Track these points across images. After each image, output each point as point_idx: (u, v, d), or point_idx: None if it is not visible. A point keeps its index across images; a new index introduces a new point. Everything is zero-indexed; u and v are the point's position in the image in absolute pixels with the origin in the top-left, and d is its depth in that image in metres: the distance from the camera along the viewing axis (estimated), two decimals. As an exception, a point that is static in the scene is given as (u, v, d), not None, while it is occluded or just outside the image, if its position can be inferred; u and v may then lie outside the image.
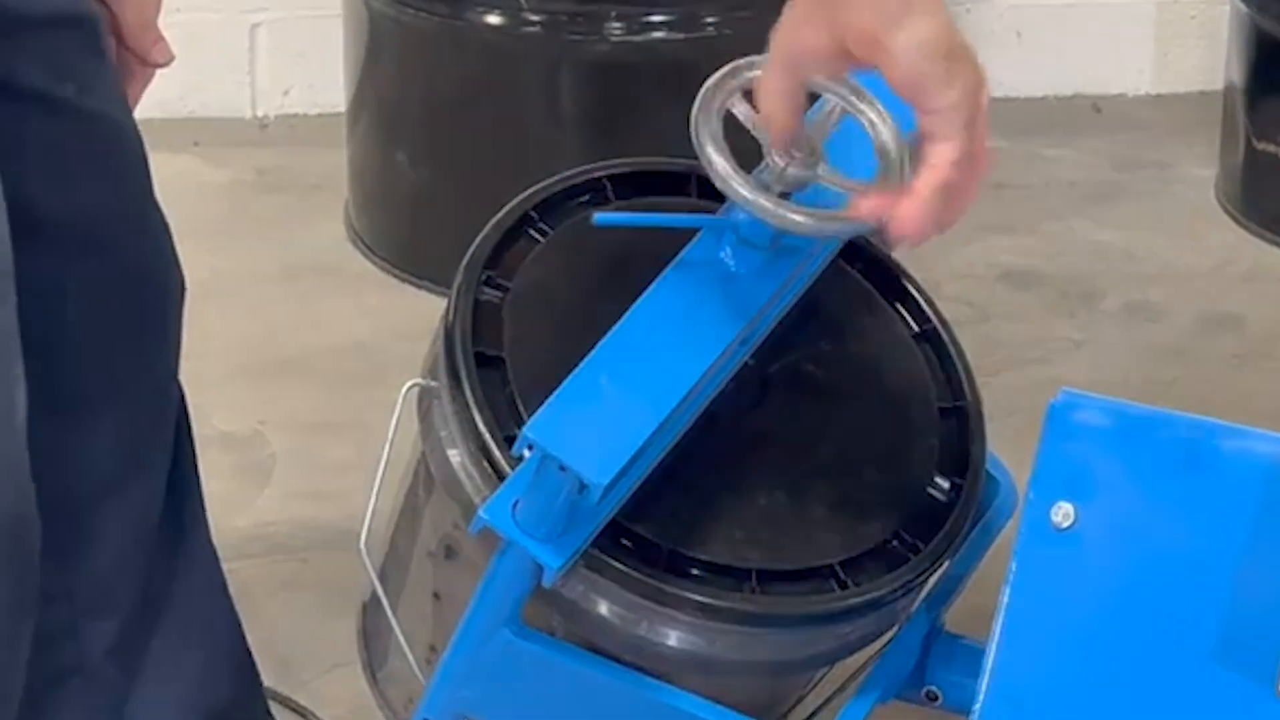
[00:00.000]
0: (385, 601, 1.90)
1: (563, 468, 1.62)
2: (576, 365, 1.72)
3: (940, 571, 1.88)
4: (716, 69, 1.69)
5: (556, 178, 1.93)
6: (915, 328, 1.96)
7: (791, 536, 1.83)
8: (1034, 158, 3.54)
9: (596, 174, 1.93)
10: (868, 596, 1.81)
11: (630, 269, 1.83)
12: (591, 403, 1.67)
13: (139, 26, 1.86)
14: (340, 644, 2.25)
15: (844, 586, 1.80)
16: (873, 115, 1.71)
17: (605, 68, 3.16)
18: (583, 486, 1.64)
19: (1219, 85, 3.44)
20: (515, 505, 1.67)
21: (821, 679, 1.99)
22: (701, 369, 1.71)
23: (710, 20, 3.07)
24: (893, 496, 1.87)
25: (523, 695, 1.82)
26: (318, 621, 2.58)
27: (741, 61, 1.70)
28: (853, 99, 1.71)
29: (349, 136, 3.36)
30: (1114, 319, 3.18)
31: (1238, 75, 3.38)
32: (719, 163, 1.65)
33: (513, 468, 1.73)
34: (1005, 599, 1.68)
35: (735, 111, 1.67)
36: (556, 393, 1.67)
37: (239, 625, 2.03)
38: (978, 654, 1.70)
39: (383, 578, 1.94)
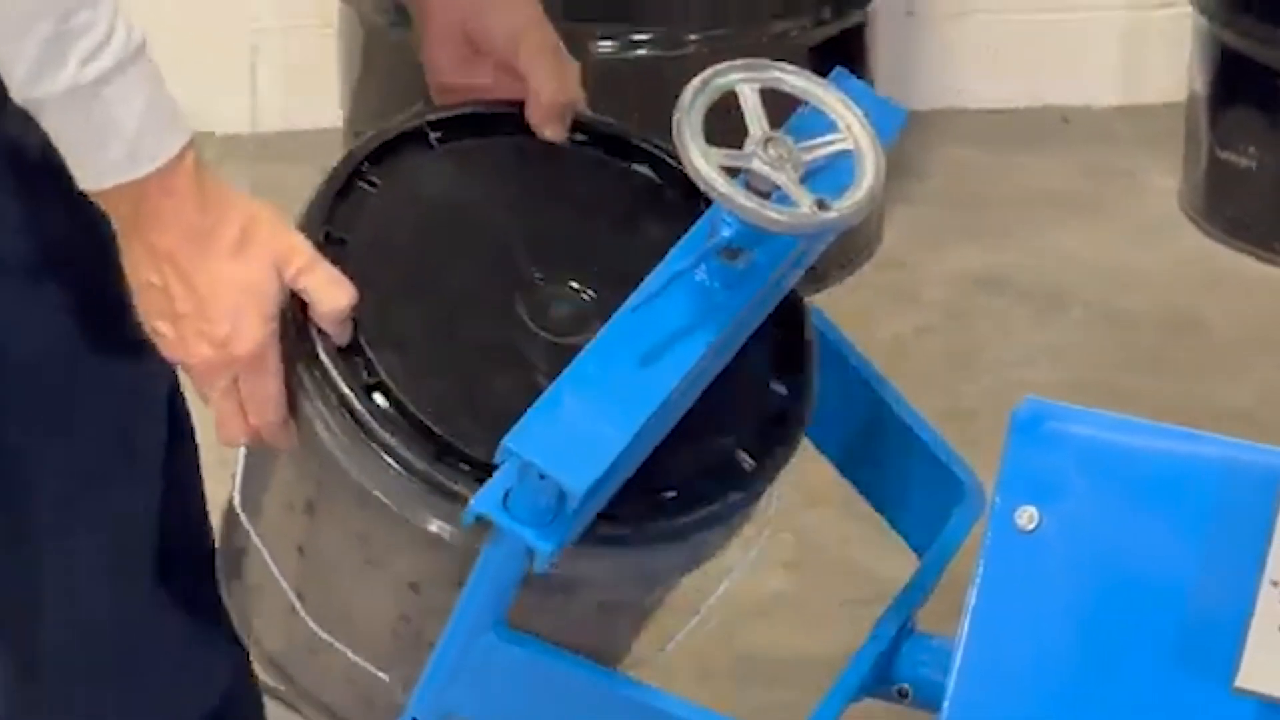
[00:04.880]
0: (256, 538, 1.87)
1: (542, 475, 1.63)
2: (420, 312, 1.75)
3: (779, 476, 1.84)
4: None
5: (381, 128, 1.89)
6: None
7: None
8: (1007, 167, 3.56)
9: (416, 122, 1.89)
10: (714, 509, 1.80)
11: (464, 212, 1.86)
12: (571, 413, 1.67)
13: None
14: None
15: (688, 504, 1.79)
16: (849, 114, 1.73)
17: (593, 83, 3.17)
18: (562, 494, 1.64)
19: (1183, 97, 3.45)
20: (506, 496, 1.65)
21: (660, 598, 1.95)
22: (676, 378, 1.71)
23: (693, 38, 3.09)
24: (731, 406, 1.84)
25: (507, 696, 1.83)
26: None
27: (721, 66, 1.71)
28: (833, 101, 1.73)
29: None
30: (1083, 324, 3.20)
31: (1201, 87, 3.40)
32: (701, 164, 1.65)
33: (372, 415, 1.72)
34: (972, 599, 1.68)
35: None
36: (536, 403, 1.67)
37: None
38: (946, 652, 1.70)
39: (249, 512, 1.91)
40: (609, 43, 3.16)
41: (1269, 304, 3.24)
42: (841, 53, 3.04)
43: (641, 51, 3.17)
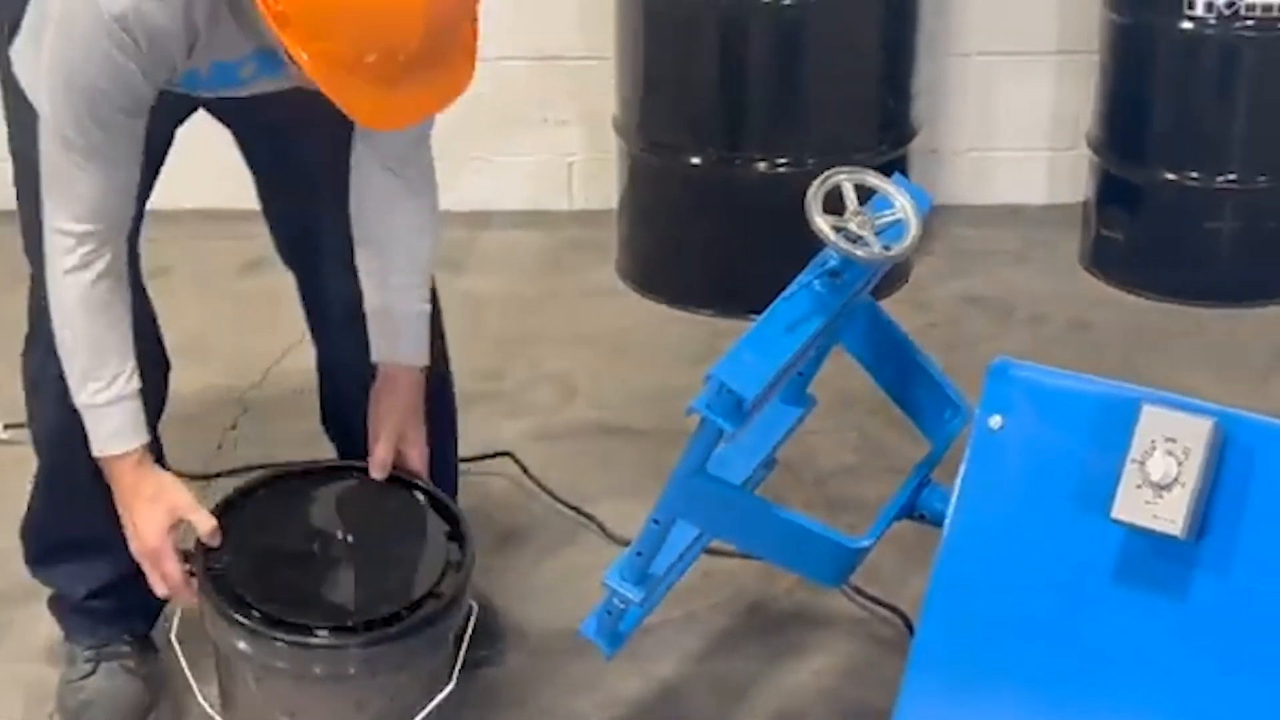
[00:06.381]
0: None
1: (730, 390, 1.62)
2: (263, 549, 1.83)
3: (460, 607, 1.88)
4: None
5: (271, 471, 1.98)
6: (448, 528, 1.93)
7: (374, 602, 1.84)
8: (981, 238, 3.47)
9: (286, 470, 1.97)
10: (425, 616, 1.83)
11: (302, 511, 1.91)
12: (745, 357, 1.66)
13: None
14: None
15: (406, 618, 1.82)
16: (902, 198, 1.72)
17: (754, 190, 3.14)
18: (737, 400, 1.63)
19: (1081, 199, 3.37)
20: (709, 402, 1.64)
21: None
22: (802, 340, 1.70)
23: (811, 160, 3.05)
24: (427, 581, 1.86)
25: (707, 509, 1.82)
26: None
27: (832, 170, 1.71)
28: (893, 191, 1.72)
29: (618, 221, 3.35)
30: (1024, 324, 3.12)
31: (1091, 193, 3.32)
32: (821, 224, 1.65)
33: (219, 593, 1.79)
34: (963, 467, 1.68)
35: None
36: (731, 351, 1.65)
37: None
38: (947, 495, 1.70)
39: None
40: (763, 164, 3.13)
41: (1127, 316, 3.15)
42: (891, 171, 2.99)
43: (781, 170, 3.15)
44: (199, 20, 1.61)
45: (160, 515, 1.78)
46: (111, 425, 1.75)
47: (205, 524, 1.80)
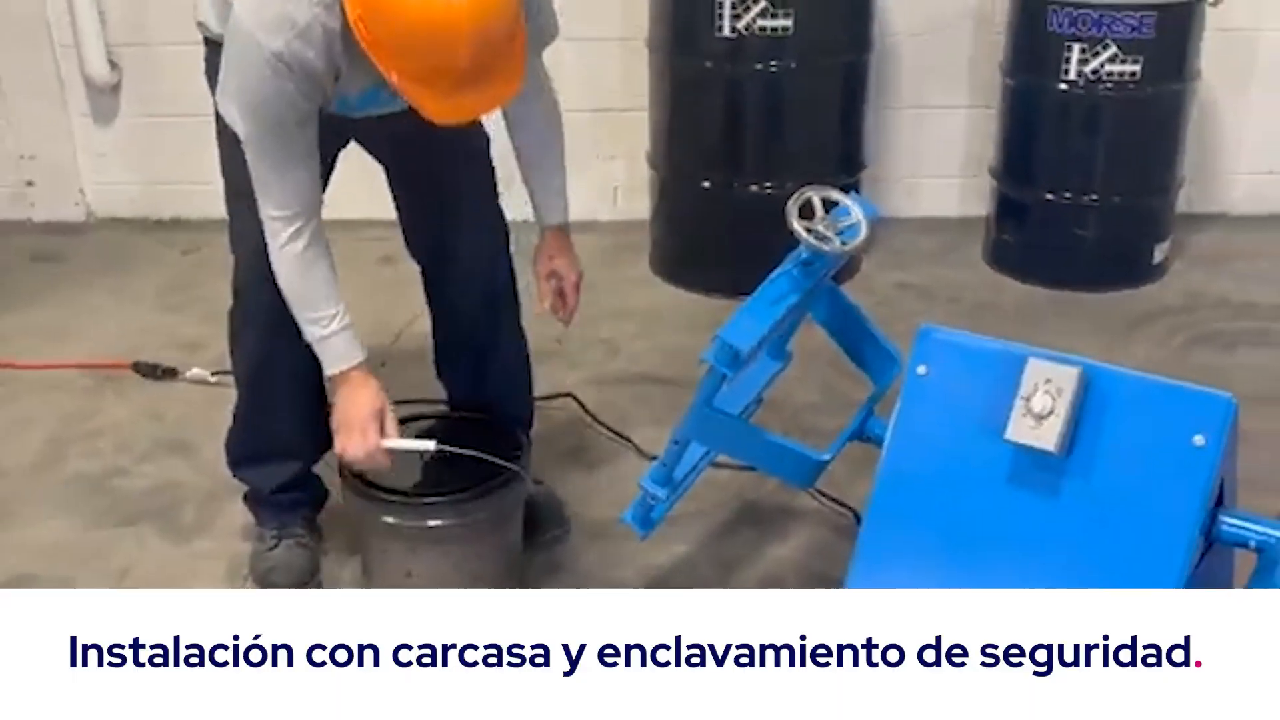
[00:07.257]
0: None
1: (729, 345, 1.62)
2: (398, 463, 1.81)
3: (520, 484, 1.91)
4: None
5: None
6: (514, 446, 1.96)
7: (463, 478, 1.86)
8: (912, 240, 3.44)
9: (410, 412, 1.98)
10: (501, 480, 1.87)
11: (416, 432, 1.93)
12: (741, 322, 1.66)
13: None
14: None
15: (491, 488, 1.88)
16: (856, 209, 1.70)
17: (748, 205, 3.10)
18: (735, 352, 1.63)
19: (985, 213, 3.34)
20: (715, 356, 1.63)
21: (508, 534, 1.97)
22: (782, 312, 1.69)
23: (789, 183, 2.87)
24: (494, 471, 1.88)
25: (713, 431, 1.82)
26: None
27: (805, 188, 1.70)
28: (850, 204, 1.71)
29: (650, 229, 3.31)
30: (944, 304, 3.09)
31: (991, 208, 3.30)
32: (797, 226, 1.64)
33: (364, 484, 1.83)
34: (897, 406, 1.67)
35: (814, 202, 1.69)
36: (731, 318, 1.65)
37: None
38: (885, 425, 1.69)
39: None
40: (755, 186, 3.11)
41: (1018, 298, 3.13)
42: (848, 190, 2.91)
43: (768, 190, 3.13)
44: (338, 55, 1.65)
45: (374, 398, 1.78)
46: (333, 353, 1.76)
47: (392, 429, 1.80)
